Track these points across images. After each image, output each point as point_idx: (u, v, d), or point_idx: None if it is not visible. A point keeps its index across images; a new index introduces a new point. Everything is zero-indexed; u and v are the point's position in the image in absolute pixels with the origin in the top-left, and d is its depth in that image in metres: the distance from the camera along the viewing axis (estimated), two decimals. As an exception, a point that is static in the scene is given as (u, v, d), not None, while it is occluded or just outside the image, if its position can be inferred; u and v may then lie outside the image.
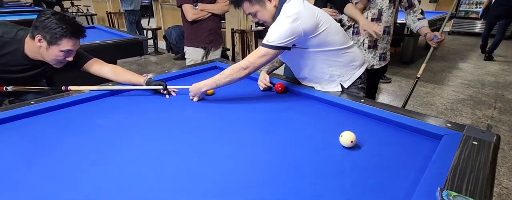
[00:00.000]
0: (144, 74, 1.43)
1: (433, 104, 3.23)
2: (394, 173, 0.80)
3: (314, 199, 0.70)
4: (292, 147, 0.94)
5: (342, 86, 1.37)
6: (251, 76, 1.57)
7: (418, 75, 2.08)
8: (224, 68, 1.75)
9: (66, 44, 1.22)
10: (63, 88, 1.32)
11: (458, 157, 0.82)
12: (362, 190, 0.74)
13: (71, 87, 1.32)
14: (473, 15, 6.98)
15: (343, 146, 0.92)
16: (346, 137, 0.90)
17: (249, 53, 5.06)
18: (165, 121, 1.11)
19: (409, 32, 4.14)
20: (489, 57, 5.09)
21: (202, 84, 1.26)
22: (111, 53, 2.47)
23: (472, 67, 4.73)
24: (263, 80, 1.42)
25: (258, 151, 0.92)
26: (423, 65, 2.06)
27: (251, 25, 4.41)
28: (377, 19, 1.80)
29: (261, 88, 1.43)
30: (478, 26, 7.01)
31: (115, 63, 2.82)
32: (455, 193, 0.59)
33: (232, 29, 4.23)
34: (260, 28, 4.50)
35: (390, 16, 1.84)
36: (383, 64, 1.96)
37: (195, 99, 1.30)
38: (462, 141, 0.90)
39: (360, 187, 0.75)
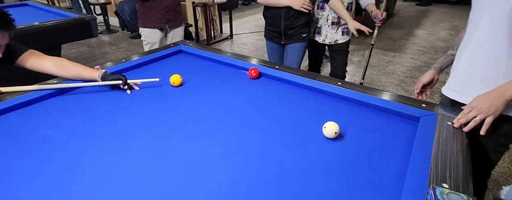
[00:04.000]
0: (97, 67, 1.25)
1: (394, 72, 3.38)
2: (380, 164, 0.80)
3: (306, 201, 0.68)
4: (274, 142, 0.89)
5: None
6: (217, 60, 1.47)
7: (372, 42, 2.15)
8: (191, 52, 1.62)
9: None
10: None
11: (437, 141, 0.84)
12: (349, 187, 0.73)
13: (1, 89, 1.07)
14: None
15: (327, 138, 0.90)
16: (330, 129, 0.88)
17: (213, 29, 4.78)
18: (129, 124, 0.98)
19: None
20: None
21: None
22: (50, 38, 2.12)
23: (426, 33, 4.99)
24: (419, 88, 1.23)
25: (240, 150, 0.86)
26: (375, 34, 2.10)
27: (212, -2, 4.11)
28: None
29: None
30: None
31: (58, 48, 2.47)
32: (447, 190, 0.60)
33: (193, 3, 3.91)
34: (222, 0, 4.22)
35: None
36: (347, 38, 2.00)
37: None
38: (438, 122, 0.93)
39: (347, 184, 0.73)
